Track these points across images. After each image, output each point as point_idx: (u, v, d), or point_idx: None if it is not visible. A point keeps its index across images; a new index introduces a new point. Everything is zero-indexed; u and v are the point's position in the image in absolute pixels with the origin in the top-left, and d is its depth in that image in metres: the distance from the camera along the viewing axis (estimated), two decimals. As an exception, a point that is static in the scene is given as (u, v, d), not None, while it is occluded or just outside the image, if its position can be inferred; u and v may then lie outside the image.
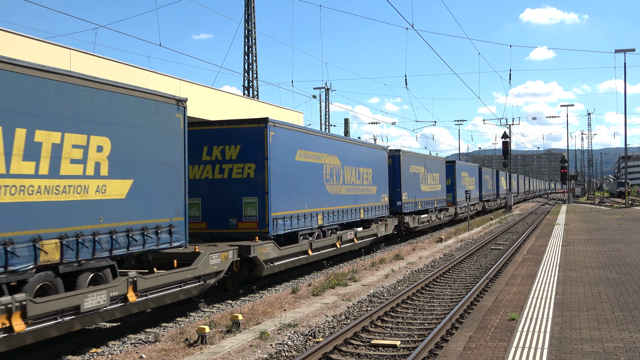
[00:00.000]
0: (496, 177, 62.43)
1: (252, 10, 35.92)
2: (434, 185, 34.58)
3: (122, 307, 10.64)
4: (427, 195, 33.00)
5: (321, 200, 19.17)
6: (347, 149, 21.89)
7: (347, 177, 21.58)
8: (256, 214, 15.69)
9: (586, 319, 9.98)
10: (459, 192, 40.63)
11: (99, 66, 19.46)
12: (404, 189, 28.62)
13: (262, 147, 15.71)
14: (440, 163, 37.72)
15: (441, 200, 36.10)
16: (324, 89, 56.10)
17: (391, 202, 27.23)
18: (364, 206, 23.05)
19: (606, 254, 18.80)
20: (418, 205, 30.88)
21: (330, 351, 9.89)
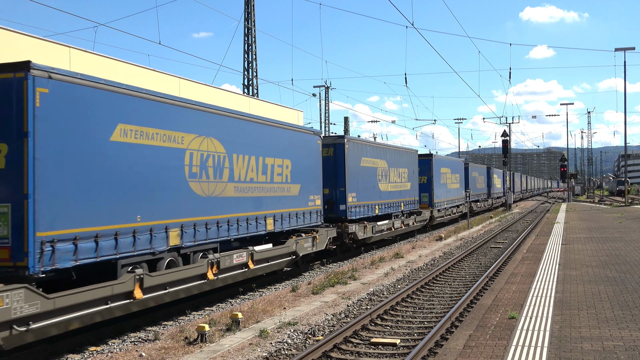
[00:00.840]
0: (487, 174, 56.56)
1: (252, 9, 35.89)
2: (400, 184, 28.10)
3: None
4: (390, 196, 26.55)
5: (183, 206, 12.41)
6: (239, 128, 14.71)
7: (241, 172, 14.65)
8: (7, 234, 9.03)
9: (586, 317, 9.98)
10: (437, 192, 34.91)
11: (99, 65, 19.44)
12: (351, 188, 21.96)
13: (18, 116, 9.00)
14: (409, 157, 30.56)
15: (411, 202, 29.86)
16: (323, 87, 56.09)
17: (331, 206, 21.38)
18: (274, 213, 16.16)
19: (606, 253, 18.80)
20: (374, 209, 24.51)
21: (330, 349, 9.89)
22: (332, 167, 21.41)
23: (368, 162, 24.06)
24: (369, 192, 23.89)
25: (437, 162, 35.52)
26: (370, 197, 24.11)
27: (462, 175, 43.08)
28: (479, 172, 52.22)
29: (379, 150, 25.95)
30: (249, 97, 31.69)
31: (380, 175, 25.33)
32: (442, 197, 36.08)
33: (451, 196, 38.37)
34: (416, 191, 30.90)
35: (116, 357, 9.76)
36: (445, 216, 37.56)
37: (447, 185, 37.60)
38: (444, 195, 36.30)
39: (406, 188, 29.09)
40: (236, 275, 14.45)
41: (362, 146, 23.72)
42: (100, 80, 10.52)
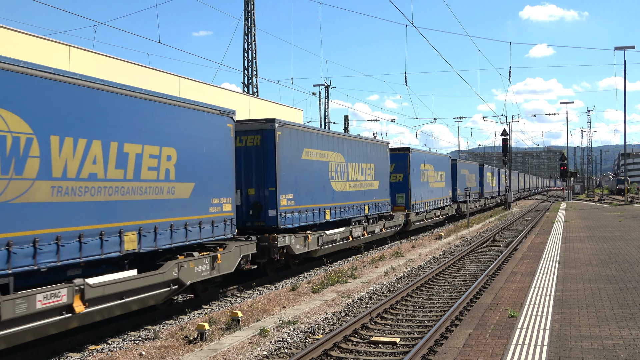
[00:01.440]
0: (480, 172, 52.17)
1: (251, 7, 35.87)
2: (363, 182, 23.24)
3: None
4: (348, 197, 21.56)
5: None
6: (55, 94, 9.55)
7: (69, 164, 9.70)
8: None
9: (586, 316, 9.99)
10: (416, 192, 30.26)
11: (99, 63, 19.44)
12: (286, 187, 16.97)
13: None
14: (378, 150, 25.47)
15: (380, 204, 25.24)
16: (323, 86, 56.07)
17: (258, 211, 16.56)
18: (141, 225, 11.22)
19: (606, 251, 18.81)
20: (323, 214, 19.43)
21: (330, 348, 9.89)
22: (258, 160, 16.57)
23: (314, 155, 18.97)
24: (315, 192, 18.92)
25: (416, 158, 30.91)
26: (318, 199, 19.10)
27: (448, 172, 38.71)
28: (470, 170, 47.39)
29: (332, 140, 20.62)
30: (249, 96, 31.69)
31: (333, 172, 20.34)
32: (423, 198, 31.71)
33: (434, 196, 34.25)
34: (387, 191, 26.15)
35: (116, 356, 9.77)
36: (426, 219, 32.96)
37: (429, 184, 33.09)
38: (425, 196, 32.02)
39: (372, 188, 24.24)
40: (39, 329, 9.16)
41: (303, 134, 18.43)
42: None
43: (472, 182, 47.15)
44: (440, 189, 36.16)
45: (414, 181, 30.13)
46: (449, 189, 38.65)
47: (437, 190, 35.25)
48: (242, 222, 16.36)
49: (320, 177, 19.39)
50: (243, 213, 16.43)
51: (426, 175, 32.70)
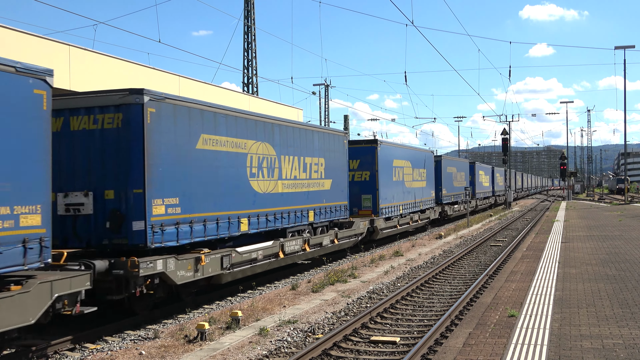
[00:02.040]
0: (470, 171, 47.54)
1: (251, 7, 35.86)
2: (306, 182, 18.36)
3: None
4: (279, 201, 16.63)
5: None
6: None
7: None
8: None
9: (585, 315, 9.99)
10: (385, 193, 25.48)
11: (99, 63, 19.43)
12: (164, 188, 12.09)
13: None
14: (330, 141, 20.41)
15: (334, 209, 20.32)
16: (323, 85, 56.08)
17: (118, 223, 11.57)
18: None
19: (605, 251, 18.81)
20: (236, 226, 14.53)
21: (330, 348, 9.90)
22: (119, 150, 11.61)
23: (221, 145, 13.99)
24: (222, 196, 13.95)
25: (387, 152, 26.21)
26: (227, 204, 14.08)
27: (430, 170, 34.28)
28: (458, 168, 42.86)
29: (253, 125, 15.31)
30: (249, 95, 31.69)
31: (255, 168, 15.34)
32: (396, 200, 27.10)
33: (411, 198, 29.58)
34: (343, 192, 21.36)
35: (116, 356, 9.77)
36: (399, 225, 27.60)
37: (404, 184, 28.39)
38: (399, 197, 27.48)
39: (321, 188, 19.38)
40: None
41: (201, 115, 13.28)
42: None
43: (460, 182, 42.55)
44: (420, 190, 31.53)
45: (384, 180, 25.33)
46: (431, 189, 34.06)
47: (416, 190, 30.60)
48: (98, 238, 11.68)
49: (233, 175, 14.40)
50: (98, 226, 11.64)
51: (400, 173, 27.89)
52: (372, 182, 24.83)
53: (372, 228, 24.08)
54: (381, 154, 25.27)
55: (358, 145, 25.22)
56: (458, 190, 41.26)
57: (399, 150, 28.86)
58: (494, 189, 60.54)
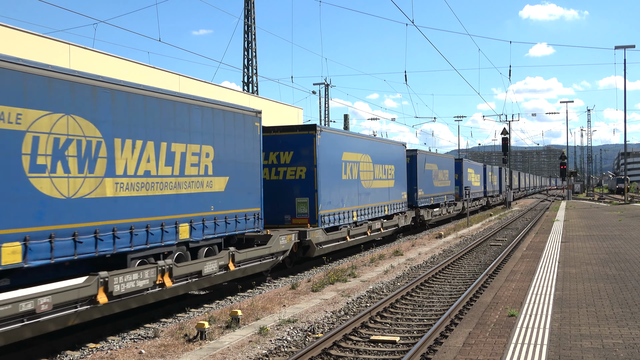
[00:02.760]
0: (457, 169, 42.53)
1: (251, 6, 35.86)
2: (174, 180, 12.53)
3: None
4: (101, 210, 10.54)
5: None
6: None
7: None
8: None
9: (585, 315, 9.98)
10: (330, 195, 19.78)
11: (99, 62, 19.42)
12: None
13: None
14: (224, 119, 14.40)
15: (234, 219, 14.56)
16: (323, 84, 56.07)
17: None
18: None
19: (605, 251, 18.80)
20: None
21: (330, 347, 9.89)
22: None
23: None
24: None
25: (331, 143, 20.07)
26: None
27: (402, 167, 28.52)
28: (440, 165, 36.96)
29: (46, 87, 9.63)
30: (249, 95, 31.70)
31: (44, 156, 9.54)
32: (347, 204, 21.15)
33: (371, 201, 23.84)
34: (253, 195, 15.50)
35: (116, 355, 9.76)
36: (350, 237, 21.25)
37: (360, 184, 22.66)
38: (350, 201, 21.54)
39: (208, 190, 13.61)
40: None
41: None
42: None
43: (444, 181, 37.52)
44: (386, 191, 25.86)
45: (327, 178, 19.50)
46: (402, 190, 28.38)
47: (379, 192, 24.85)
48: None
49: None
50: None
51: (354, 170, 22.18)
52: (309, 181, 18.73)
53: (305, 243, 18.06)
54: (323, 145, 19.22)
55: (290, 132, 19.03)
56: (440, 190, 36.14)
57: (352, 140, 22.62)
58: (486, 190, 55.18)
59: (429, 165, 33.94)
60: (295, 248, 17.73)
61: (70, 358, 9.78)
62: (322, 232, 18.86)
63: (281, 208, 18.65)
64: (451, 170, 40.29)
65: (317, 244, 18.55)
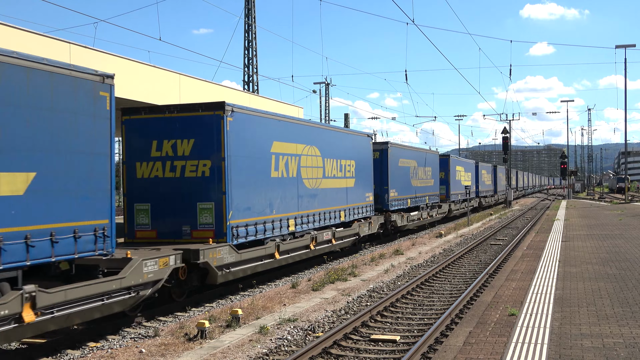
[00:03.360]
0: (443, 166, 37.97)
1: (252, 5, 35.84)
2: None
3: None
4: None
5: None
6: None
7: None
8: None
9: (586, 314, 9.98)
10: (248, 197, 14.94)
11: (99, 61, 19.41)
12: None
13: None
14: (34, 85, 9.15)
15: (77, 238, 9.68)
16: (324, 83, 56.09)
17: None
18: None
19: (606, 250, 18.80)
20: None
21: (330, 346, 9.89)
22: None
23: None
24: None
25: (252, 127, 15.23)
26: None
27: (366, 163, 23.63)
28: (421, 161, 32.13)
29: None
30: (250, 94, 31.70)
31: None
32: (278, 210, 16.24)
33: (324, 205, 19.30)
34: (91, 202, 10.21)
35: (116, 354, 9.77)
36: (280, 254, 16.23)
37: (300, 183, 17.77)
38: (286, 206, 16.72)
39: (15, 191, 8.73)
40: None
41: None
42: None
43: (425, 180, 32.75)
44: (343, 192, 21.06)
45: (242, 176, 14.58)
46: (366, 191, 23.52)
47: (333, 194, 20.08)
48: None
49: None
50: None
51: (291, 166, 17.17)
52: (215, 180, 13.93)
53: (201, 265, 12.95)
54: (237, 130, 14.32)
55: (190, 113, 14.19)
56: (420, 191, 31.32)
57: (288, 127, 17.28)
58: (479, 190, 50.55)
59: (404, 161, 28.83)
60: (183, 274, 12.72)
61: (70, 357, 9.78)
62: (229, 249, 13.70)
63: (179, 217, 13.97)
64: (435, 167, 35.46)
65: (222, 266, 13.50)
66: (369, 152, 24.21)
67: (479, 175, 51.16)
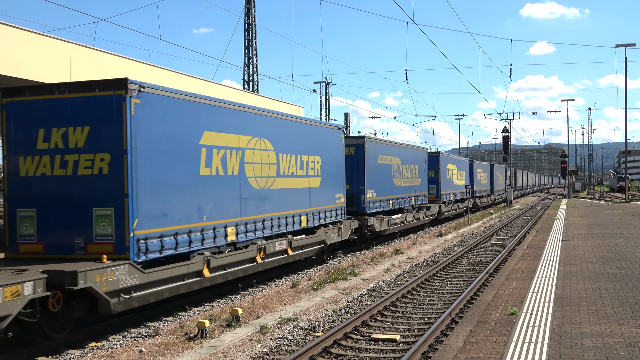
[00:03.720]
0: (433, 164, 35.22)
1: (252, 4, 35.83)
2: None
3: None
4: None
5: None
6: None
7: None
8: None
9: (586, 313, 9.98)
10: (163, 200, 11.72)
11: (99, 60, 19.41)
12: None
13: None
14: None
15: None
16: (324, 83, 56.10)
17: None
18: None
19: (606, 249, 18.79)
20: None
21: (330, 345, 9.89)
22: None
23: None
24: None
25: (170, 112, 12.13)
26: None
27: (336, 160, 20.54)
28: (406, 159, 28.91)
29: None
30: (250, 93, 31.69)
31: None
32: (214, 217, 13.47)
33: (279, 209, 16.36)
34: None
35: (116, 353, 9.77)
36: (210, 271, 13.17)
37: (247, 183, 14.84)
38: (222, 212, 13.78)
39: None
40: None
41: None
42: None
43: (411, 179, 29.66)
44: (305, 192, 17.93)
45: (156, 174, 11.68)
46: (337, 192, 20.31)
47: (291, 195, 17.06)
48: None
49: None
50: None
51: (231, 162, 14.14)
52: (114, 179, 11.00)
53: (85, 291, 9.96)
54: (147, 116, 11.44)
55: (85, 93, 11.21)
56: (404, 192, 28.37)
57: (225, 114, 14.11)
58: (474, 189, 47.12)
59: (385, 158, 25.79)
60: (56, 304, 9.76)
61: (71, 356, 9.79)
62: (129, 268, 10.70)
63: (71, 226, 11.11)
64: (423, 165, 32.45)
65: (118, 291, 10.50)
66: (339, 148, 20.94)
67: (474, 174, 48.23)
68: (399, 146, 29.61)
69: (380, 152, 25.36)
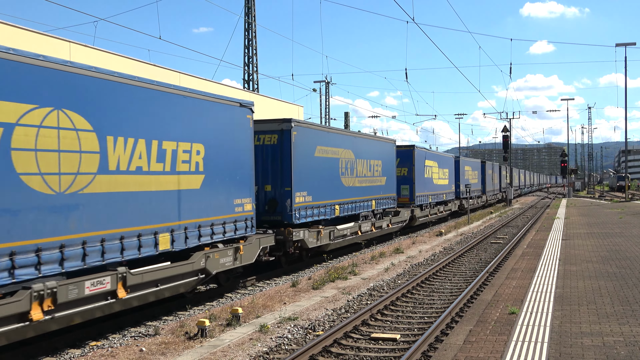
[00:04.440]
0: (405, 160, 29.89)
1: (252, 3, 35.82)
2: None
3: None
4: None
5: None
6: None
7: None
8: None
9: (586, 313, 9.98)
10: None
11: (99, 59, 19.42)
12: None
13: None
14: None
15: None
16: (324, 82, 56.08)
17: None
18: None
19: (606, 248, 18.79)
20: None
21: (330, 344, 9.90)
22: None
23: None
24: None
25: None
26: None
27: (237, 153, 14.35)
28: (362, 152, 23.00)
29: None
30: (250, 92, 31.69)
31: None
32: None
33: (103, 226, 10.05)
34: None
35: (116, 352, 9.77)
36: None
37: (24, 185, 8.67)
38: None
39: None
40: None
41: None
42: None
43: (370, 179, 23.80)
44: (169, 199, 11.78)
45: None
46: (238, 196, 14.33)
47: (138, 202, 10.93)
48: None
49: None
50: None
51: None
52: None
53: None
54: None
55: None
56: (362, 194, 22.80)
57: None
58: (459, 190, 41.29)
59: (326, 150, 19.88)
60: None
61: (71, 356, 9.79)
62: None
63: None
64: (389, 161, 26.37)
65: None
66: (244, 132, 14.79)
67: (460, 173, 41.59)
68: (351, 135, 22.95)
69: (318, 142, 19.29)
